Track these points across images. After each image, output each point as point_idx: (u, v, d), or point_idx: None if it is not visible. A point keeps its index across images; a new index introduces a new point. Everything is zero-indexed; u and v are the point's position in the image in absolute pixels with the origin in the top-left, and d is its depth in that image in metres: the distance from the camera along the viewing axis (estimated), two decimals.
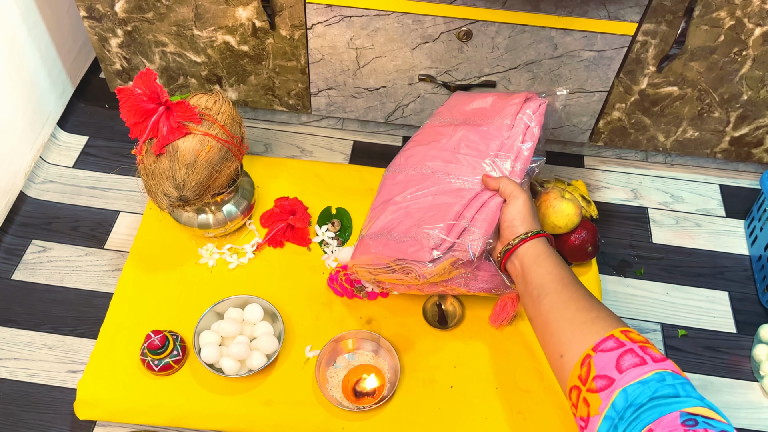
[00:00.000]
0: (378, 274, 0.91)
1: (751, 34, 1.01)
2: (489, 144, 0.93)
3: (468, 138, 0.95)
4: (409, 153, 1.01)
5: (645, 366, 0.60)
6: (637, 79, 1.10)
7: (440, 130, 1.00)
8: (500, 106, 0.97)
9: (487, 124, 0.96)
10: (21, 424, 0.94)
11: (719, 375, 1.04)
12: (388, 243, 0.89)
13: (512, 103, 0.96)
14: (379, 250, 0.89)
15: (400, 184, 0.96)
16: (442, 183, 0.92)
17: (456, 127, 0.98)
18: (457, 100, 1.05)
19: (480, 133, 0.95)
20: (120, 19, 1.11)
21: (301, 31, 1.09)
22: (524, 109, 0.95)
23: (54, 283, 1.08)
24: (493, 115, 0.97)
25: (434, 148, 0.97)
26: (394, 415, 0.92)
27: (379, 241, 0.90)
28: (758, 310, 1.11)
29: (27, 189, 1.19)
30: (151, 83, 0.90)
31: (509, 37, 1.06)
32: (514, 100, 0.97)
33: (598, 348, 0.64)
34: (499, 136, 0.93)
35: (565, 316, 0.71)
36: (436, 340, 1.00)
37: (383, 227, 0.92)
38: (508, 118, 0.95)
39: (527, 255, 0.80)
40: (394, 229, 0.90)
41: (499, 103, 0.98)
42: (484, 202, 0.88)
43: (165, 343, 0.92)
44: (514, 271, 0.83)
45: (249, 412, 0.92)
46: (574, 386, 0.65)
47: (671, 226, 1.21)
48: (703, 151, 1.23)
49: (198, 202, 0.96)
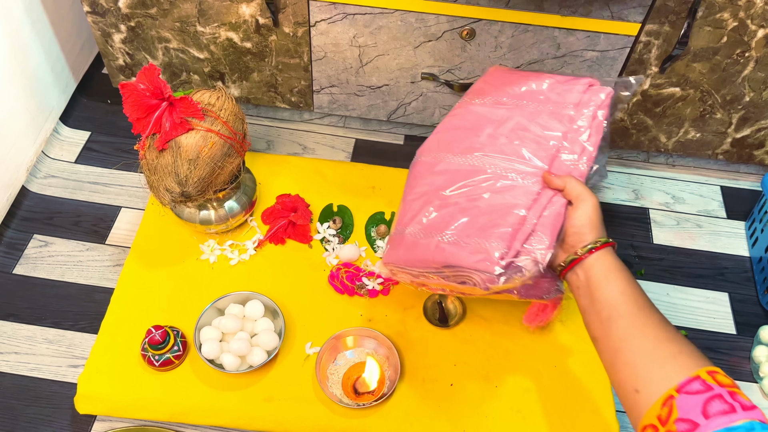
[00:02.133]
0: (423, 279, 0.82)
1: (754, 35, 1.01)
2: (548, 135, 0.82)
3: (524, 126, 0.84)
4: (450, 137, 0.88)
5: (734, 414, 0.56)
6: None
7: (486, 112, 0.88)
8: (560, 91, 0.86)
9: (546, 112, 0.84)
10: (21, 418, 0.94)
11: None
12: (440, 246, 0.78)
13: (574, 90, 0.85)
14: (427, 253, 0.79)
15: (445, 175, 0.84)
16: (497, 177, 0.81)
17: (508, 111, 0.86)
18: (502, 78, 0.92)
19: (538, 122, 0.84)
20: (123, 14, 1.11)
21: (305, 28, 1.09)
22: (589, 98, 0.84)
23: (55, 278, 1.08)
24: (552, 101, 0.85)
25: (483, 134, 0.85)
26: (394, 413, 0.93)
27: (427, 243, 0.80)
28: (758, 312, 1.11)
29: (29, 183, 1.19)
30: (155, 79, 0.90)
31: (512, 37, 1.06)
32: (575, 86, 0.86)
33: (682, 389, 0.59)
34: (560, 127, 0.83)
35: (642, 346, 0.65)
36: (436, 338, 1.00)
37: (431, 226, 0.81)
38: (570, 107, 0.84)
39: (595, 267, 0.72)
40: (444, 229, 0.79)
41: (558, 87, 0.87)
42: (547, 202, 0.78)
43: (166, 339, 0.92)
44: (577, 281, 0.74)
45: (249, 408, 0.92)
46: (650, 425, 0.60)
47: (672, 227, 1.21)
48: (705, 153, 1.23)
49: (200, 198, 0.97)
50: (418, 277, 0.82)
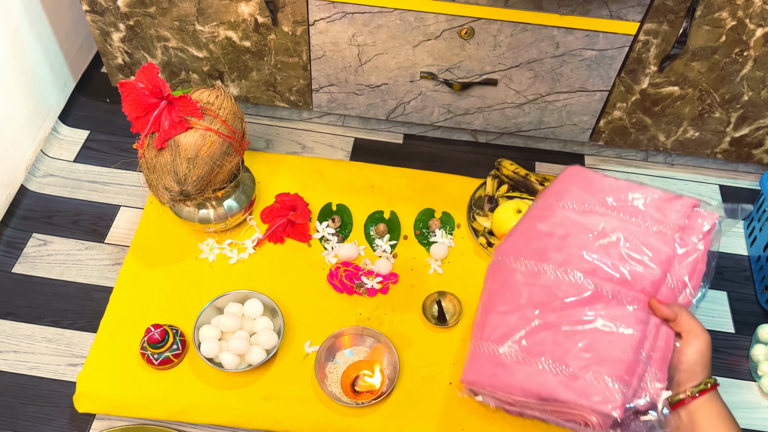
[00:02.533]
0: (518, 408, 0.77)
1: (753, 34, 1.01)
2: (653, 258, 0.77)
3: (626, 243, 0.78)
4: (542, 243, 0.81)
5: None
6: (639, 78, 1.10)
7: (578, 219, 0.81)
8: (661, 209, 0.80)
9: (649, 232, 0.78)
10: (20, 416, 0.94)
11: (717, 374, 1.04)
12: (546, 376, 0.72)
13: (677, 210, 0.79)
14: (529, 382, 0.72)
15: (544, 290, 0.77)
16: (603, 299, 0.75)
17: (605, 222, 0.80)
18: (587, 181, 0.85)
19: (641, 240, 0.78)
20: (122, 13, 1.11)
21: (304, 27, 1.09)
22: (693, 223, 0.79)
23: (54, 277, 1.08)
24: (654, 219, 0.79)
25: (580, 244, 0.78)
26: (393, 411, 0.93)
27: (528, 370, 0.73)
28: (756, 311, 1.11)
29: (28, 182, 1.19)
30: (154, 77, 0.90)
31: (511, 36, 1.06)
32: (677, 206, 0.80)
33: None
34: (666, 250, 0.77)
35: None
36: (435, 337, 1.00)
37: (532, 349, 0.74)
38: (673, 229, 0.78)
39: (703, 411, 0.68)
40: (551, 357, 0.72)
41: (658, 204, 0.80)
42: (656, 332, 0.73)
43: (165, 337, 0.92)
44: (678, 422, 0.70)
45: (248, 406, 0.92)
46: None
47: None
48: (704, 152, 1.23)
49: (199, 196, 0.97)
50: (513, 405, 0.77)
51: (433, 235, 1.12)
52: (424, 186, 1.19)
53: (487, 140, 1.32)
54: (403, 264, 1.08)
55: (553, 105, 1.17)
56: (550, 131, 1.23)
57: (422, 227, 1.13)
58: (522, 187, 1.15)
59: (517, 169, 1.15)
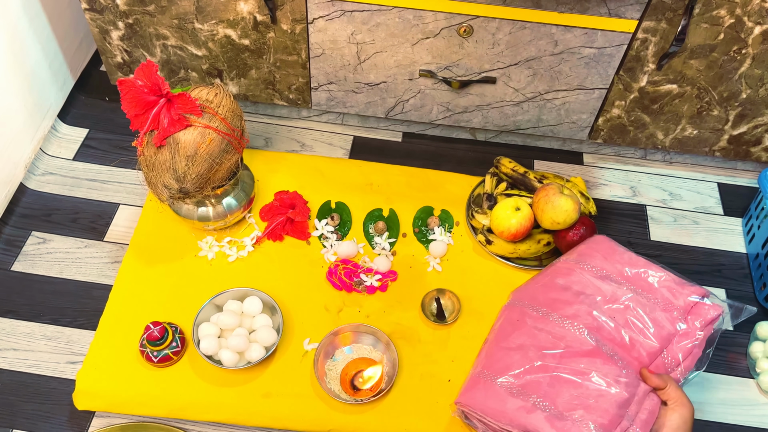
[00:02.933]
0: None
1: (751, 32, 1.01)
2: (654, 332, 0.85)
3: (632, 313, 0.86)
4: (555, 295, 0.91)
5: None
6: (637, 76, 1.11)
7: (594, 281, 0.90)
8: (673, 291, 0.89)
9: (656, 308, 0.87)
10: (20, 414, 0.94)
11: (716, 372, 1.04)
12: (536, 412, 0.79)
13: (687, 296, 0.88)
14: (518, 414, 0.79)
15: (550, 336, 0.86)
16: (602, 356, 0.83)
17: (619, 290, 0.89)
18: (611, 251, 0.94)
19: (647, 314, 0.86)
20: (121, 11, 1.11)
21: (302, 25, 1.09)
22: (699, 310, 0.87)
23: (53, 275, 1.08)
24: (663, 298, 0.88)
25: (589, 305, 0.87)
26: (392, 408, 0.93)
27: (521, 403, 0.80)
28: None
29: (27, 181, 1.19)
30: (153, 75, 0.91)
31: (510, 34, 1.06)
32: (688, 292, 0.89)
33: None
34: (668, 327, 0.86)
35: None
36: (434, 334, 1.01)
37: (528, 386, 0.82)
38: (679, 311, 0.87)
39: None
40: (545, 396, 0.80)
41: (671, 286, 0.89)
42: (644, 396, 0.81)
43: (164, 335, 0.92)
44: None
45: (247, 403, 0.92)
46: None
47: (669, 224, 1.22)
48: (702, 149, 1.23)
49: (198, 194, 0.97)
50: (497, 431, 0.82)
51: (431, 233, 1.13)
52: (422, 184, 1.19)
53: (486, 138, 1.32)
54: (402, 262, 1.09)
55: (551, 103, 1.18)
56: (548, 129, 1.23)
57: (421, 225, 1.14)
58: (521, 184, 1.15)
59: (515, 166, 1.15)
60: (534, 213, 1.06)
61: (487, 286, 1.06)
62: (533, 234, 1.09)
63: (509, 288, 1.04)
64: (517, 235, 1.05)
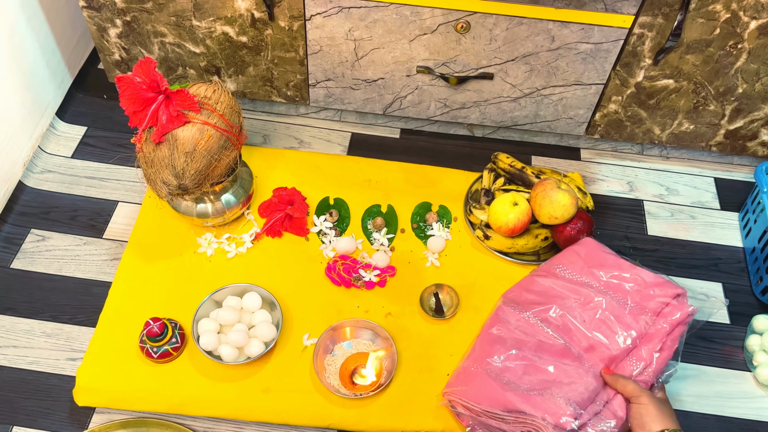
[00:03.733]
0: (484, 419, 0.87)
1: (747, 27, 1.02)
2: (621, 335, 0.90)
3: (605, 316, 0.92)
4: (532, 298, 0.97)
5: None
6: (634, 71, 1.11)
7: (574, 288, 0.96)
8: (645, 293, 0.94)
9: (628, 309, 0.92)
10: (20, 411, 0.94)
11: (713, 365, 1.05)
12: (508, 391, 0.86)
13: (658, 300, 0.93)
14: (492, 392, 0.86)
15: (527, 333, 0.93)
16: (571, 357, 0.89)
17: (593, 295, 0.94)
18: (594, 255, 1.00)
19: (618, 318, 0.92)
20: (119, 9, 1.11)
21: (300, 22, 1.09)
22: (672, 310, 0.92)
23: (53, 272, 1.08)
24: (636, 300, 0.93)
25: (568, 309, 0.93)
26: (391, 403, 0.93)
27: (494, 384, 0.87)
28: (751, 302, 1.12)
29: (25, 178, 1.19)
30: (151, 72, 0.91)
31: (507, 29, 1.07)
32: (660, 294, 0.93)
33: None
34: (637, 328, 0.91)
35: None
36: (432, 329, 1.01)
37: (502, 371, 0.88)
38: (650, 313, 0.92)
39: None
40: (513, 376, 0.87)
41: (645, 290, 0.94)
42: (613, 395, 0.87)
43: (164, 331, 0.93)
44: None
45: (247, 399, 0.93)
46: None
47: (666, 219, 1.22)
48: (699, 144, 1.24)
49: (197, 190, 0.97)
50: (480, 416, 0.87)
51: (430, 229, 1.13)
52: (421, 180, 1.20)
53: (484, 134, 1.32)
54: (401, 257, 1.09)
55: (548, 99, 1.18)
56: (546, 125, 1.24)
57: (419, 221, 1.14)
58: (518, 180, 1.15)
59: (513, 162, 1.16)
60: (531, 208, 1.06)
61: (485, 281, 1.07)
62: (531, 229, 1.09)
63: (507, 283, 1.04)
64: (514, 230, 1.06)
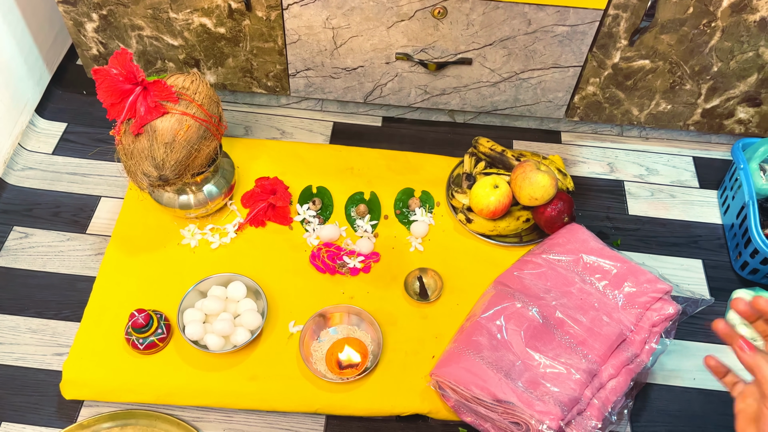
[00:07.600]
0: (471, 402, 0.88)
1: (719, 5, 1.03)
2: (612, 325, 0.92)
3: (596, 307, 0.94)
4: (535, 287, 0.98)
5: None
6: (610, 53, 1.12)
7: (566, 276, 0.98)
8: (638, 289, 0.96)
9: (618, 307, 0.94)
10: (8, 406, 0.94)
11: (694, 339, 1.06)
12: (506, 382, 0.86)
13: (650, 295, 0.95)
14: (490, 383, 0.86)
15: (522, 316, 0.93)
16: (563, 347, 0.91)
17: (585, 284, 0.97)
18: (583, 243, 1.01)
19: (608, 312, 0.94)
20: (95, 3, 1.11)
21: (278, 11, 1.09)
22: (661, 306, 0.95)
23: (37, 269, 1.08)
24: (628, 294, 0.95)
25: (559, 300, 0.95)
26: (378, 386, 0.94)
27: (493, 375, 0.87)
28: (731, 277, 1.14)
29: (7, 176, 1.18)
30: (127, 63, 0.91)
31: (483, 14, 1.07)
32: (651, 290, 0.95)
33: None
34: (627, 322, 0.93)
35: None
36: (417, 312, 1.02)
37: (495, 361, 0.89)
38: (638, 308, 0.94)
39: None
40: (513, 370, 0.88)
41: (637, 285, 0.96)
42: (601, 384, 0.89)
43: (149, 322, 0.93)
44: None
45: (234, 387, 0.93)
46: None
47: (647, 198, 1.24)
48: (676, 124, 1.25)
49: (178, 181, 0.97)
50: (470, 402, 0.88)
51: (413, 214, 1.14)
52: (403, 166, 1.20)
53: (465, 120, 1.33)
54: (385, 243, 1.10)
55: (527, 82, 1.19)
56: (525, 109, 1.25)
57: (402, 206, 1.15)
58: (499, 163, 1.16)
59: (493, 146, 1.17)
60: (512, 190, 1.07)
61: (468, 264, 1.08)
62: (512, 211, 1.11)
63: (490, 265, 1.05)
64: (496, 212, 1.07)
